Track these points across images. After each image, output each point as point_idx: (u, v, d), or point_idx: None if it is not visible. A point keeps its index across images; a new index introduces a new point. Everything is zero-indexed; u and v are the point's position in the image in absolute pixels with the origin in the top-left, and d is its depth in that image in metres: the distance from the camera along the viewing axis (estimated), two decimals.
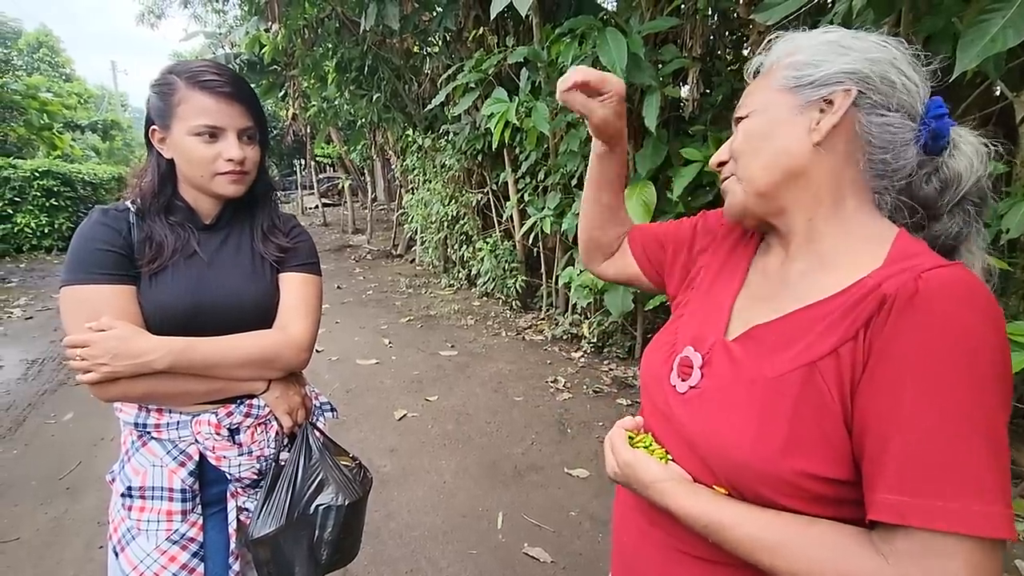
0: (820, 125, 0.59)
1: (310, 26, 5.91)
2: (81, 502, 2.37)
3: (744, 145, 0.66)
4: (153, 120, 0.95)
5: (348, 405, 3.30)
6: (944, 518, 0.45)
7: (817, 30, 0.64)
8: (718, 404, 0.62)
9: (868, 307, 0.53)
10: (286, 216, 1.13)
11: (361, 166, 12.01)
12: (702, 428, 0.62)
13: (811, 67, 0.60)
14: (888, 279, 0.53)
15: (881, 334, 0.51)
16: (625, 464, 0.66)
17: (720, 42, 3.54)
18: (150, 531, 0.96)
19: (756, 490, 0.56)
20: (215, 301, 0.97)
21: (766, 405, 0.56)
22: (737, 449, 0.57)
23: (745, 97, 0.68)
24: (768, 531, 0.54)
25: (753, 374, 0.59)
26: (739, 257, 0.76)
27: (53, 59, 23.60)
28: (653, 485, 0.63)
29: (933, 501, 0.46)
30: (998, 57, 1.67)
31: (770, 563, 0.53)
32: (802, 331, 0.58)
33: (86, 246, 0.91)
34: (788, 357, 0.57)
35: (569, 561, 2.00)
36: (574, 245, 4.14)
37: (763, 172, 0.64)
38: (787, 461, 0.53)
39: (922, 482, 0.46)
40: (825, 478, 0.53)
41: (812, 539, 0.52)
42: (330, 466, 1.05)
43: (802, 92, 0.61)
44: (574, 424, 3.05)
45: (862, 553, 0.49)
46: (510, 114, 3.43)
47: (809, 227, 0.63)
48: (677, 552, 0.66)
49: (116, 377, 0.85)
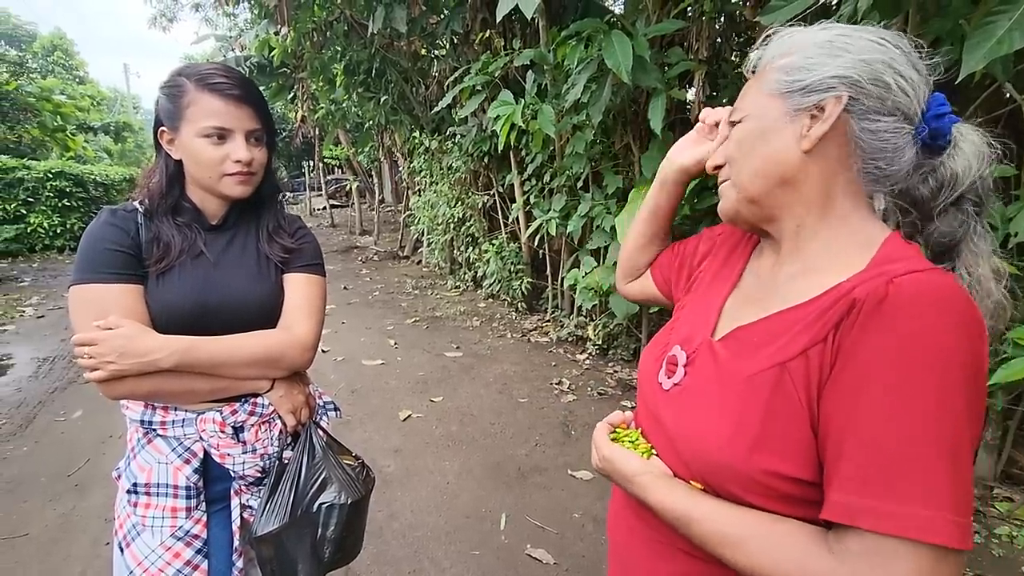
0: (810, 133, 0.58)
1: (319, 29, 5.95)
2: (89, 499, 2.39)
3: (736, 152, 0.66)
4: (162, 121, 0.97)
5: (353, 405, 3.32)
6: (891, 522, 0.45)
7: (814, 27, 0.62)
8: (696, 401, 0.63)
9: (839, 310, 0.53)
10: (291, 217, 1.14)
11: (369, 168, 12.07)
12: (681, 424, 0.64)
13: (802, 71, 0.59)
14: (862, 283, 0.53)
15: (848, 337, 0.51)
16: (605, 459, 0.69)
17: (726, 44, 3.54)
18: (155, 527, 0.98)
19: (726, 487, 0.57)
20: (221, 301, 0.98)
21: (740, 403, 0.57)
22: (710, 445, 0.58)
23: (740, 99, 0.68)
24: (733, 527, 0.55)
25: (731, 373, 0.61)
26: (735, 260, 0.76)
27: (67, 62, 23.94)
28: (633, 479, 0.65)
29: (883, 504, 0.46)
30: (1006, 59, 1.65)
31: (732, 558, 0.54)
32: (780, 332, 0.58)
33: (95, 246, 0.93)
34: (763, 357, 0.58)
35: (572, 563, 2.00)
36: (580, 247, 4.14)
37: (754, 179, 0.63)
38: (756, 459, 0.54)
39: (874, 485, 0.47)
40: (792, 478, 0.53)
41: (773, 537, 0.53)
42: (333, 465, 1.06)
43: (792, 98, 0.59)
44: (578, 426, 3.05)
45: (818, 552, 0.50)
46: (516, 116, 3.44)
47: (798, 232, 0.63)
48: (661, 545, 0.67)
49: (123, 375, 0.87)
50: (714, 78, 3.27)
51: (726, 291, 0.72)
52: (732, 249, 0.78)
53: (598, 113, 2.90)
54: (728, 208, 0.69)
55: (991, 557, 1.96)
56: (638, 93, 3.21)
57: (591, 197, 3.80)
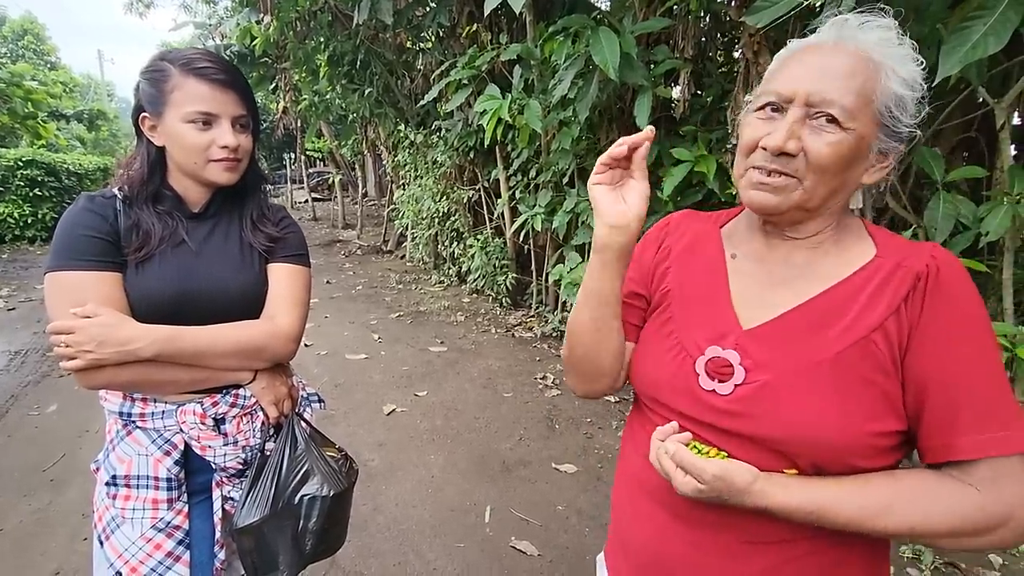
0: (873, 173, 0.65)
1: (302, 19, 5.84)
2: (65, 494, 2.34)
3: (829, 165, 0.61)
4: (144, 107, 0.95)
5: (337, 400, 3.29)
6: (1010, 444, 0.57)
7: (904, 40, 0.62)
8: (784, 394, 0.62)
9: (904, 284, 0.61)
10: (276, 207, 1.13)
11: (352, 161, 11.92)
12: (771, 417, 0.62)
13: (904, 115, 0.61)
14: (906, 259, 0.63)
15: (920, 306, 0.60)
16: (716, 477, 0.59)
17: (711, 44, 3.57)
18: (135, 519, 0.96)
19: (844, 461, 0.61)
20: (202, 290, 0.97)
21: (839, 382, 0.61)
22: (827, 428, 0.60)
23: (838, 81, 0.59)
24: (869, 499, 0.59)
25: (810, 356, 0.62)
26: (707, 251, 0.76)
27: (38, 47, 23.18)
28: (751, 489, 0.60)
29: (999, 433, 0.57)
30: (980, 64, 1.70)
31: (883, 526, 0.58)
32: (836, 310, 0.64)
33: (72, 232, 0.91)
34: (836, 334, 0.62)
35: (556, 554, 2.02)
36: (565, 243, 4.15)
37: (826, 194, 0.64)
38: (869, 426, 0.60)
39: (989, 421, 0.57)
40: (892, 431, 0.61)
41: (911, 493, 0.59)
42: (315, 457, 1.06)
43: (885, 135, 0.62)
44: (562, 420, 3.07)
45: (956, 491, 0.58)
46: (503, 111, 3.43)
47: (818, 230, 0.68)
48: (743, 546, 0.66)
49: (101, 365, 0.85)
50: (699, 77, 3.30)
51: (722, 282, 0.72)
52: (692, 242, 0.78)
53: (585, 109, 2.91)
54: (783, 204, 0.64)
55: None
56: (624, 90, 3.22)
57: (577, 193, 3.81)
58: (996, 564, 1.93)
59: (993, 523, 0.56)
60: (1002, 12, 1.40)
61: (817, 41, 0.64)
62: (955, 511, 0.57)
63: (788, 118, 0.61)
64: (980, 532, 0.57)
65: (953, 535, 0.58)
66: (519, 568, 1.96)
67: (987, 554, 1.97)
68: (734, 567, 0.66)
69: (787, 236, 0.69)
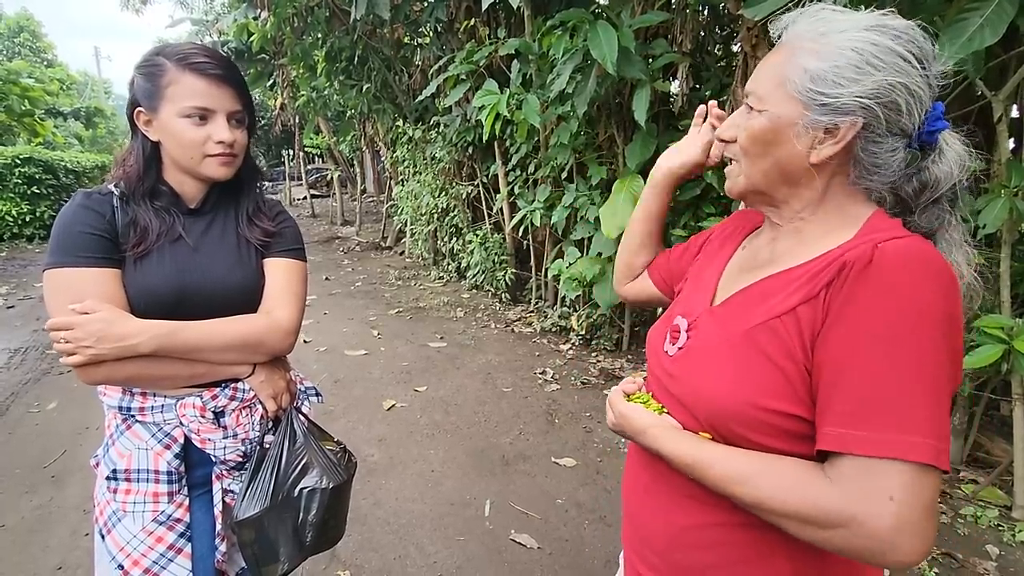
0: (820, 150, 0.62)
1: (299, 14, 5.83)
2: (66, 490, 2.35)
3: (749, 145, 0.68)
4: (139, 102, 0.95)
5: (336, 395, 3.30)
6: (880, 446, 0.52)
7: (855, 17, 0.61)
8: (701, 359, 0.69)
9: (831, 272, 0.59)
10: (272, 202, 1.13)
11: (350, 157, 11.91)
12: (689, 381, 0.70)
13: (829, 86, 0.59)
14: (852, 249, 0.60)
15: (839, 295, 0.58)
16: (620, 415, 0.75)
17: (710, 38, 3.57)
18: (136, 513, 0.97)
19: (735, 430, 0.63)
20: (200, 285, 0.97)
21: (742, 353, 0.64)
22: (720, 393, 0.64)
23: (760, 74, 0.67)
24: (740, 467, 0.61)
25: (730, 330, 0.67)
26: (731, 243, 0.83)
27: (34, 44, 23.08)
28: (646, 431, 0.70)
29: (872, 433, 0.53)
30: (978, 56, 1.70)
31: (742, 494, 0.60)
32: (774, 291, 0.65)
33: (69, 229, 0.91)
34: (759, 312, 0.65)
35: (555, 547, 2.03)
36: (564, 238, 4.16)
37: (761, 176, 0.68)
38: (759, 400, 0.61)
39: (864, 417, 0.53)
40: (789, 414, 0.60)
41: (775, 471, 0.59)
42: (314, 450, 1.06)
43: (812, 110, 0.61)
44: (562, 414, 3.08)
45: (815, 479, 0.56)
46: (501, 106, 3.43)
47: (796, 216, 0.69)
48: (678, 497, 0.72)
49: (100, 360, 0.86)
50: (697, 70, 3.29)
51: (721, 266, 0.79)
52: (728, 236, 0.85)
53: (583, 104, 2.91)
54: (735, 188, 0.72)
55: (957, 535, 2.05)
56: (622, 84, 3.22)
57: (575, 188, 3.81)
58: (993, 555, 1.94)
59: (833, 520, 0.53)
60: (998, 4, 1.40)
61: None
62: (801, 496, 0.55)
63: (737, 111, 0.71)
64: (822, 525, 0.54)
65: (798, 519, 0.56)
66: (519, 561, 1.97)
67: (983, 545, 1.99)
68: (672, 518, 0.72)
69: (773, 223, 0.73)
